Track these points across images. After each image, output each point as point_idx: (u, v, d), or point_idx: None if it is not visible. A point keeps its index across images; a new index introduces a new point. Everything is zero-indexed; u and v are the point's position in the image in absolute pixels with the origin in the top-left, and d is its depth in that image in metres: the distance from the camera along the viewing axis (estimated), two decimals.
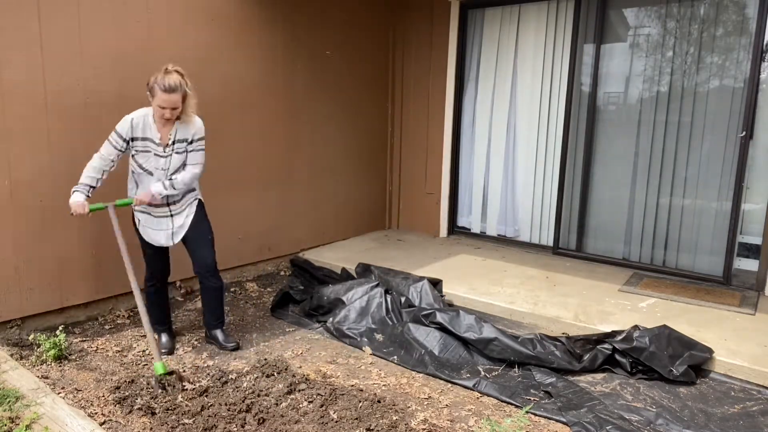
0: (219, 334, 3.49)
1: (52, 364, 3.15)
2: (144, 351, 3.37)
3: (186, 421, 2.62)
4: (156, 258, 3.37)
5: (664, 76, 4.73)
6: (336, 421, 2.66)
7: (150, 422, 2.61)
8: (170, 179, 3.18)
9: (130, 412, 2.70)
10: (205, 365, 3.19)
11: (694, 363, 3.17)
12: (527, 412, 2.74)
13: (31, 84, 3.34)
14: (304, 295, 4.28)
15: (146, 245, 3.34)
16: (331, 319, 3.82)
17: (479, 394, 2.99)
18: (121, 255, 3.14)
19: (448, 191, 5.97)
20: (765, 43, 4.33)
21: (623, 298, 4.17)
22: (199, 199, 3.37)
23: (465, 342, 3.43)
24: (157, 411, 2.70)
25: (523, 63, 5.45)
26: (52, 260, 3.56)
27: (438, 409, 2.83)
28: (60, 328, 3.38)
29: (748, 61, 4.32)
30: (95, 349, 3.38)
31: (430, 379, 3.16)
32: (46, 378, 2.99)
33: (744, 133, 4.37)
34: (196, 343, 3.53)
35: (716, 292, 4.33)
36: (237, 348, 3.45)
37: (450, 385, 3.10)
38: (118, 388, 2.90)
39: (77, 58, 3.52)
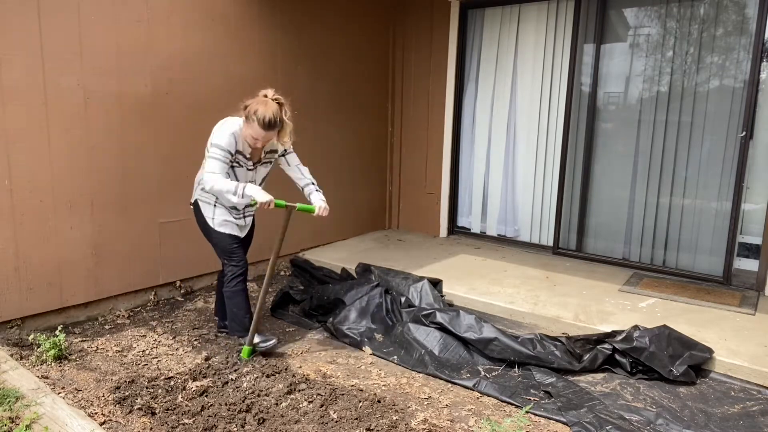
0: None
1: (52, 364, 3.15)
2: (144, 351, 3.37)
3: (186, 421, 2.62)
4: (240, 249, 3.40)
5: (664, 76, 4.73)
6: (336, 421, 2.66)
7: (150, 422, 2.62)
8: (313, 183, 3.45)
9: (130, 412, 2.70)
10: (205, 365, 3.19)
11: (694, 363, 3.17)
12: (527, 412, 2.74)
13: (31, 84, 3.34)
14: (304, 295, 4.28)
15: (230, 237, 3.33)
16: (331, 319, 3.82)
17: (479, 394, 2.99)
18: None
19: (448, 191, 5.97)
20: (765, 43, 4.33)
21: (623, 298, 4.16)
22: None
23: (465, 342, 3.43)
24: (157, 411, 2.70)
25: (523, 63, 5.45)
26: (52, 260, 3.56)
27: (438, 409, 2.83)
28: (60, 328, 3.38)
29: (748, 61, 4.32)
30: (95, 349, 3.38)
31: (430, 379, 3.16)
32: (46, 378, 2.99)
33: (744, 133, 4.37)
34: (196, 343, 3.53)
35: (716, 292, 4.33)
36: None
37: (450, 385, 3.10)
38: (118, 388, 2.90)
39: (77, 58, 3.52)
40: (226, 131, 3.08)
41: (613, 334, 3.38)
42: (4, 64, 3.22)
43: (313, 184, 3.44)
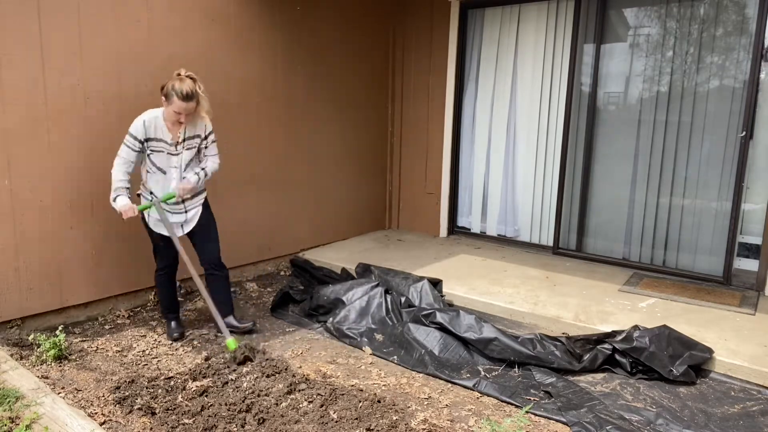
0: (232, 319, 3.69)
1: (52, 364, 3.15)
2: (144, 351, 3.37)
3: (186, 421, 2.62)
4: (167, 248, 3.51)
5: (664, 76, 4.73)
6: (336, 421, 2.66)
7: (150, 422, 2.62)
8: (203, 169, 3.46)
9: (130, 412, 2.70)
10: (206, 365, 3.19)
11: (694, 363, 3.17)
12: (527, 412, 2.74)
13: (31, 84, 3.34)
14: (304, 295, 4.28)
15: (159, 239, 3.49)
16: (331, 319, 3.82)
17: (479, 394, 2.99)
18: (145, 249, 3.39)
19: (448, 191, 5.97)
20: (765, 43, 4.33)
21: (623, 298, 4.16)
22: (206, 199, 3.61)
23: (465, 342, 3.43)
24: (157, 411, 2.70)
25: (523, 63, 5.45)
26: (52, 260, 3.56)
27: (438, 409, 2.83)
28: (60, 328, 3.38)
29: (748, 61, 4.32)
30: (95, 349, 3.38)
31: (430, 379, 3.16)
32: (46, 378, 2.99)
33: (744, 133, 4.37)
34: (196, 343, 3.53)
35: (716, 292, 4.33)
36: (253, 329, 3.73)
37: (450, 385, 3.10)
38: (118, 388, 2.90)
39: (77, 58, 3.52)
40: (138, 119, 3.28)
41: (613, 334, 3.38)
42: (4, 64, 3.22)
43: (201, 170, 3.46)
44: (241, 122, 4.56)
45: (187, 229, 3.52)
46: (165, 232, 3.42)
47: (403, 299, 3.95)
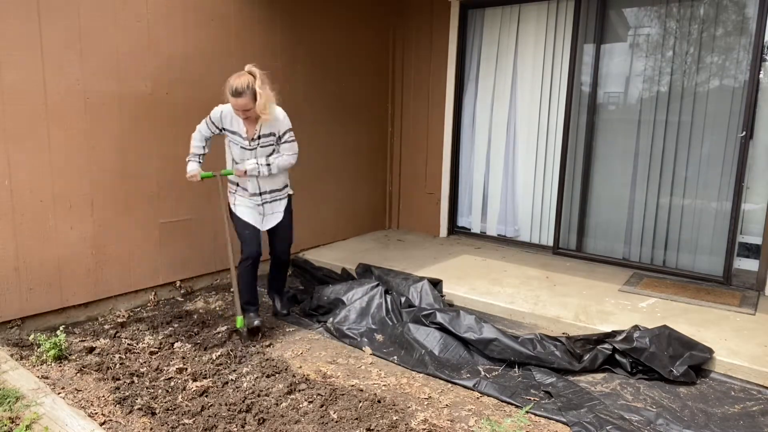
0: (277, 300, 4.03)
1: (52, 364, 3.15)
2: (144, 351, 3.37)
3: (186, 421, 2.62)
4: (253, 238, 3.60)
5: (664, 76, 4.73)
6: (336, 421, 2.66)
7: (150, 422, 2.62)
8: (269, 164, 3.49)
9: (130, 412, 2.70)
10: (206, 365, 3.19)
11: (694, 363, 3.17)
12: (527, 412, 2.74)
13: (31, 84, 3.34)
14: (304, 295, 4.28)
15: (244, 226, 3.58)
16: (331, 319, 3.82)
17: (479, 394, 2.99)
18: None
19: (448, 191, 5.97)
20: (765, 43, 4.33)
21: (623, 298, 4.16)
22: (290, 195, 3.78)
23: (465, 342, 3.43)
24: (157, 411, 2.70)
25: (523, 63, 5.45)
26: (52, 260, 3.56)
27: (438, 409, 2.83)
28: (60, 328, 3.38)
29: (748, 61, 4.32)
30: (95, 349, 3.38)
31: (430, 379, 3.16)
32: (46, 378, 2.99)
33: (744, 133, 4.37)
34: (196, 343, 3.53)
35: (716, 292, 4.33)
36: (287, 315, 3.98)
37: (450, 385, 3.10)
38: (118, 388, 2.90)
39: (77, 58, 3.52)
40: (218, 106, 3.48)
41: (613, 334, 3.38)
42: (4, 64, 3.22)
43: (266, 163, 3.50)
44: None
45: (267, 226, 3.68)
46: (250, 220, 3.56)
47: (403, 299, 3.95)
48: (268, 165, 3.50)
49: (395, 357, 3.40)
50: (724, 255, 4.57)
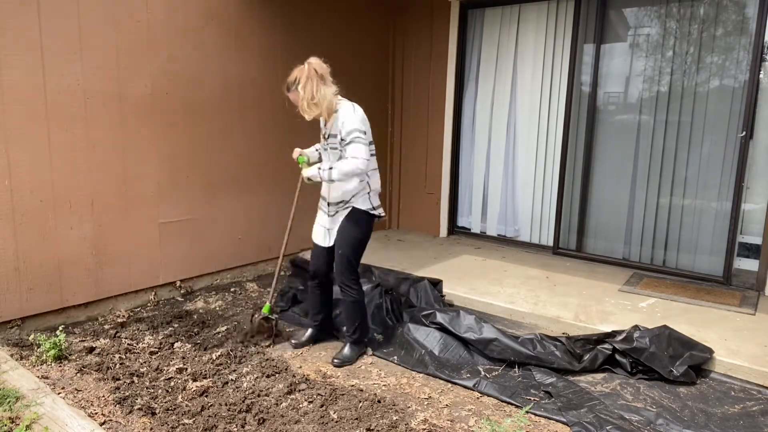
0: (345, 347, 3.37)
1: (52, 364, 3.15)
2: (144, 351, 3.37)
3: (186, 421, 2.62)
4: (316, 254, 3.44)
5: (664, 76, 4.73)
6: (336, 421, 2.66)
7: (150, 422, 2.61)
8: (331, 168, 3.09)
9: (130, 412, 2.70)
10: (206, 365, 3.19)
11: (694, 363, 3.16)
12: (527, 412, 2.74)
13: (31, 84, 3.34)
14: (304, 295, 4.28)
15: (314, 242, 3.46)
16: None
17: (479, 394, 2.99)
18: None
19: (448, 191, 5.97)
20: (765, 43, 4.33)
21: (623, 298, 4.16)
22: (354, 207, 3.21)
23: (465, 342, 3.43)
24: (157, 411, 2.70)
25: (523, 63, 5.45)
26: (52, 260, 3.56)
27: (438, 409, 2.83)
28: (60, 328, 3.38)
29: (748, 61, 4.32)
30: (95, 349, 3.38)
31: (430, 379, 3.16)
32: (46, 378, 2.99)
33: (744, 133, 4.37)
34: (196, 343, 3.53)
35: (716, 292, 4.33)
36: (342, 365, 3.28)
37: (450, 385, 3.10)
38: (118, 388, 2.90)
39: (77, 58, 3.52)
40: None
41: (613, 334, 3.38)
42: (4, 64, 3.22)
43: (329, 168, 3.11)
44: (240, 122, 4.56)
45: (330, 242, 3.33)
46: (315, 237, 3.42)
47: (403, 299, 3.95)
48: (330, 169, 3.07)
49: (395, 357, 3.40)
50: (724, 255, 4.57)
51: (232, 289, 4.53)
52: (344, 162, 3.06)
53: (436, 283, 4.25)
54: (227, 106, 4.44)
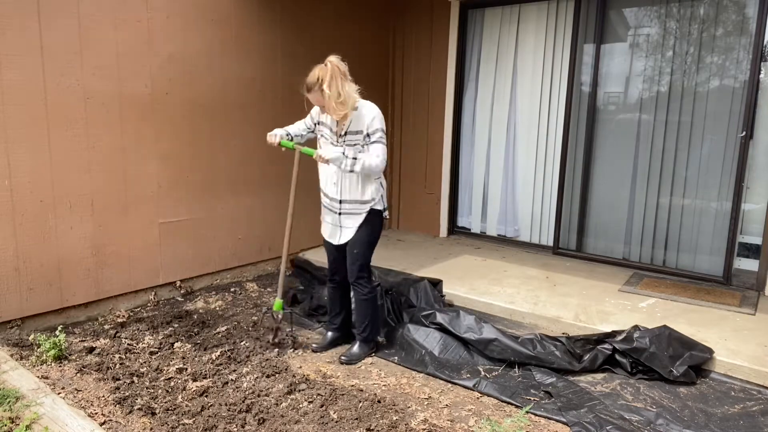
0: (354, 344, 3.41)
1: (52, 364, 3.15)
2: (144, 351, 3.37)
3: (186, 421, 2.62)
4: (330, 253, 3.41)
5: (664, 76, 4.73)
6: (336, 421, 2.66)
7: (150, 422, 2.61)
8: (355, 158, 3.08)
9: (130, 412, 2.70)
10: (206, 365, 3.19)
11: (694, 363, 3.16)
12: (527, 412, 2.74)
13: (31, 84, 3.34)
14: (304, 295, 4.28)
15: (325, 242, 3.40)
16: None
17: (479, 394, 2.99)
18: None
19: (448, 191, 5.97)
20: (765, 43, 4.33)
21: (623, 298, 4.16)
22: (372, 209, 3.22)
23: (465, 342, 3.43)
24: (157, 411, 2.70)
25: (523, 63, 5.44)
26: (52, 260, 3.56)
27: (438, 409, 2.83)
28: (60, 328, 3.38)
29: (748, 61, 4.32)
30: (95, 349, 3.38)
31: (430, 379, 3.16)
32: (46, 378, 2.99)
33: (744, 133, 4.37)
34: (196, 343, 3.52)
35: (716, 292, 4.33)
36: (349, 363, 3.31)
37: (450, 385, 3.10)
38: (118, 388, 2.90)
39: (77, 58, 3.52)
40: None
41: (613, 334, 3.38)
42: (4, 64, 3.22)
43: (353, 158, 3.10)
44: (240, 121, 4.56)
45: (342, 240, 3.28)
46: (326, 235, 3.35)
47: (403, 300, 3.95)
48: (355, 159, 3.07)
49: (395, 357, 3.40)
50: (724, 255, 4.57)
51: (232, 289, 4.53)
52: (371, 156, 3.08)
53: (436, 283, 4.25)
54: (227, 105, 4.44)
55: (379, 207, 3.26)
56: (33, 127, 3.38)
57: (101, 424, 2.58)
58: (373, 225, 3.27)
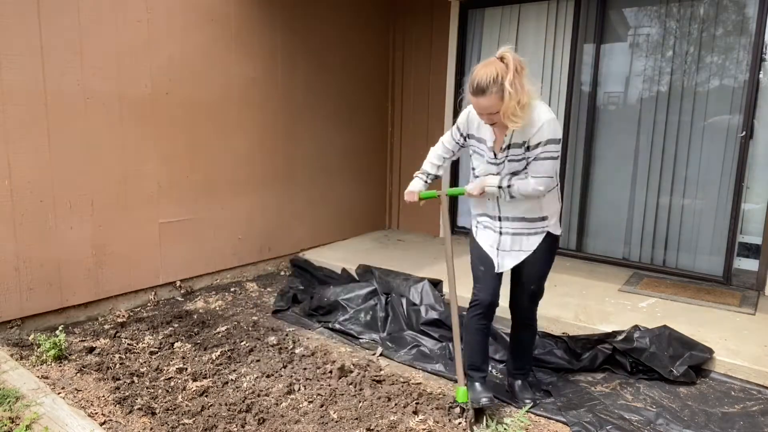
0: (516, 384, 2.91)
1: (52, 364, 3.15)
2: (144, 351, 3.37)
3: (186, 421, 2.62)
4: (485, 280, 2.70)
5: (664, 76, 4.73)
6: (336, 421, 2.66)
7: (150, 422, 2.61)
8: (509, 182, 2.51)
9: (130, 412, 2.70)
10: (206, 365, 3.19)
11: (694, 363, 3.16)
12: (527, 411, 2.74)
13: (31, 84, 3.34)
14: (304, 295, 4.28)
15: (479, 260, 2.72)
16: (331, 319, 3.81)
17: None
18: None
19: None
20: (765, 43, 4.33)
21: (623, 298, 4.16)
22: (549, 233, 2.66)
23: None
24: (157, 411, 2.70)
25: None
26: (52, 260, 3.56)
27: (438, 409, 2.83)
28: (60, 328, 3.38)
29: (748, 61, 4.32)
30: (95, 349, 3.38)
31: (430, 378, 3.16)
32: (46, 378, 2.99)
33: (744, 133, 4.37)
34: (196, 342, 3.53)
35: (716, 292, 4.33)
36: (534, 404, 2.80)
37: (451, 384, 3.10)
38: (118, 388, 2.90)
39: (77, 58, 3.52)
40: (465, 108, 2.63)
41: (613, 334, 3.38)
42: (4, 64, 3.22)
43: (510, 187, 2.54)
44: (240, 121, 4.56)
45: (504, 266, 2.68)
46: (488, 250, 2.68)
47: (403, 300, 3.95)
48: (509, 187, 2.51)
49: (395, 357, 3.40)
50: (724, 255, 4.56)
51: (232, 289, 4.53)
52: (526, 182, 2.49)
53: (436, 284, 4.24)
54: (227, 106, 4.44)
55: (557, 231, 2.74)
56: (33, 127, 3.38)
57: (101, 424, 2.58)
58: (552, 253, 2.76)
